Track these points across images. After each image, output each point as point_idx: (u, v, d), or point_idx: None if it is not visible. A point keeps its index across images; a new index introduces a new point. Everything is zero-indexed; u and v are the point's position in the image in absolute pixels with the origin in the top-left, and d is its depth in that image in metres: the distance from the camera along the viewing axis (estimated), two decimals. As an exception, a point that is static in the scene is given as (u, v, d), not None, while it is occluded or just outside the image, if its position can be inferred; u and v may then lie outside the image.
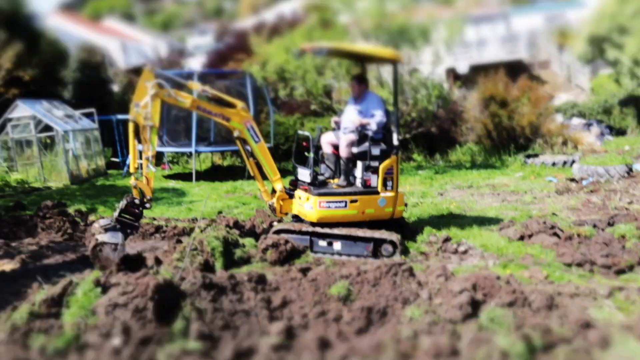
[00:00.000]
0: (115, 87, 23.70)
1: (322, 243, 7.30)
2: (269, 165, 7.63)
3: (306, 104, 17.32)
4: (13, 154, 15.31)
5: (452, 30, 14.88)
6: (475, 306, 4.01)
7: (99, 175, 16.67)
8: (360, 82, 7.84)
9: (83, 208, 9.83)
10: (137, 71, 28.01)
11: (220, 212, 10.54)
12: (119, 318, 3.74)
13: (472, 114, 18.73)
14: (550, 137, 16.48)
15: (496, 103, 17.37)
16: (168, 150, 17.17)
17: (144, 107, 6.92)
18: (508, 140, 17.26)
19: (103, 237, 6.71)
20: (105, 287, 4.12)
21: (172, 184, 15.22)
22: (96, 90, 21.03)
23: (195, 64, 31.91)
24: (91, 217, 9.49)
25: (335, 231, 7.22)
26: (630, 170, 12.02)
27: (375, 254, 7.14)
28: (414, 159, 18.76)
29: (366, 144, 7.38)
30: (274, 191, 7.84)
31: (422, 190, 12.46)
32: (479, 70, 21.23)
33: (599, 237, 6.92)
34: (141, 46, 42.76)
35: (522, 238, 7.46)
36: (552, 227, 7.52)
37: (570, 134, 17.06)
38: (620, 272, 6.02)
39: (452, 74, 30.33)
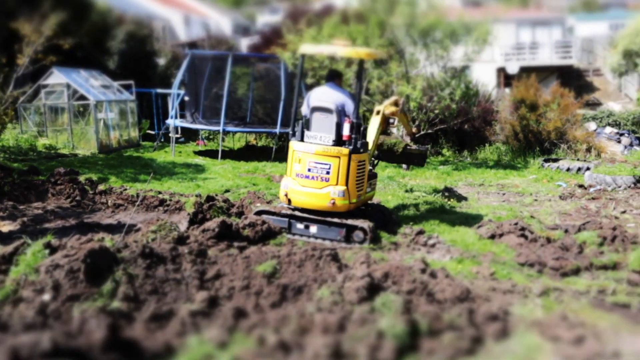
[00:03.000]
0: (161, 61, 24.46)
1: (300, 226, 7.71)
2: None
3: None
4: (45, 120, 16.20)
5: (480, 33, 14.92)
6: (375, 291, 4.35)
7: (131, 147, 17.50)
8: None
9: (94, 177, 10.51)
10: (192, 45, 28.92)
11: (227, 191, 11.07)
12: (54, 277, 4.26)
13: (504, 115, 18.80)
14: (575, 144, 16.39)
15: (526, 106, 17.45)
16: (197, 127, 17.83)
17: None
18: (534, 143, 17.27)
19: None
20: (53, 249, 4.66)
21: (197, 160, 15.87)
22: (140, 62, 21.80)
23: (245, 44, 32.49)
24: (101, 187, 10.17)
25: (312, 215, 7.61)
26: (637, 182, 11.94)
27: (348, 239, 7.50)
28: (442, 154, 18.89)
29: None
30: None
31: (432, 185, 12.64)
32: (530, 72, 21.10)
33: (563, 242, 7.09)
34: (206, 20, 43.57)
35: (492, 237, 7.67)
36: (523, 229, 7.70)
37: (596, 142, 16.89)
38: (565, 274, 6.22)
39: (503, 74, 30.08)
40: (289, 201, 7.70)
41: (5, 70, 15.23)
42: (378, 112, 8.50)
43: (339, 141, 7.51)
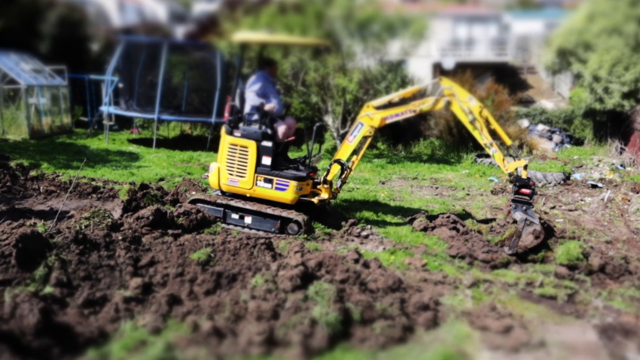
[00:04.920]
0: (95, 47, 23.79)
1: (235, 216, 7.77)
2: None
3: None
4: (-27, 104, 15.60)
5: (417, 27, 15.29)
6: (308, 280, 4.50)
7: (63, 133, 16.99)
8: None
9: (26, 162, 10.21)
10: (127, 32, 28.14)
11: (162, 179, 10.98)
12: (-15, 261, 4.20)
13: (438, 110, 19.25)
14: (508, 140, 17.06)
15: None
16: (132, 115, 17.48)
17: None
18: (467, 139, 17.75)
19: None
20: (-16, 233, 4.57)
21: (131, 148, 15.59)
22: (73, 47, 21.17)
23: (181, 32, 31.88)
24: (32, 173, 9.90)
25: (248, 206, 7.69)
26: (567, 178, 12.56)
27: (283, 230, 7.62)
28: (377, 147, 19.25)
29: None
30: None
31: (365, 177, 12.93)
32: (465, 68, 21.72)
33: (492, 235, 7.44)
34: (140, 6, 42.43)
35: (425, 229, 7.95)
36: (454, 222, 8.00)
37: (528, 139, 17.59)
38: (495, 267, 6.55)
39: (439, 69, 30.84)
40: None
41: None
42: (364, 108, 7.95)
43: (237, 123, 7.75)
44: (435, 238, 7.60)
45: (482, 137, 7.82)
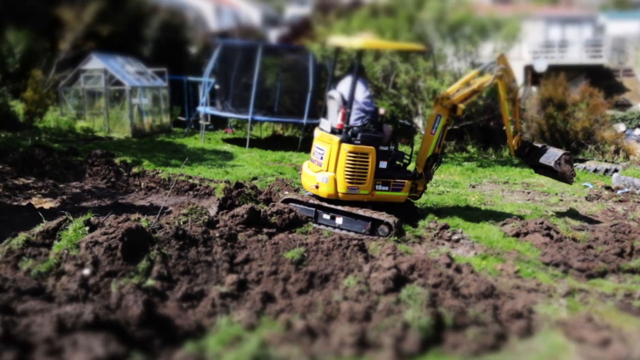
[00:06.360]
0: (193, 50, 24.81)
1: (326, 216, 7.85)
2: None
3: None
4: (83, 103, 16.77)
5: (510, 29, 14.86)
6: (401, 283, 4.46)
7: (162, 132, 17.85)
8: None
9: (129, 160, 10.82)
10: (223, 35, 29.22)
11: (255, 178, 11.26)
12: (94, 253, 4.47)
13: (530, 113, 18.64)
14: (603, 145, 16.19)
15: (553, 105, 17.26)
16: (227, 115, 18.07)
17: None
18: (561, 143, 17.09)
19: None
20: (93, 227, 4.88)
21: (226, 147, 16.10)
22: (173, 51, 22.19)
23: (275, 35, 32.63)
24: (134, 169, 10.47)
25: (339, 207, 7.74)
26: (666, 186, 11.79)
27: (373, 232, 7.61)
28: (467, 151, 18.83)
29: None
30: None
31: (455, 181, 12.67)
32: (559, 71, 20.88)
33: (589, 243, 7.09)
34: (236, 11, 43.92)
35: (517, 235, 7.68)
36: (548, 228, 7.69)
37: (625, 143, 16.64)
38: (591, 276, 6.23)
39: (530, 72, 29.74)
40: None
41: (48, 55, 15.82)
42: (438, 101, 8.34)
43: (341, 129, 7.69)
44: (528, 244, 7.33)
45: (510, 113, 8.74)
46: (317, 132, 7.98)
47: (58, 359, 3.04)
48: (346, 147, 7.53)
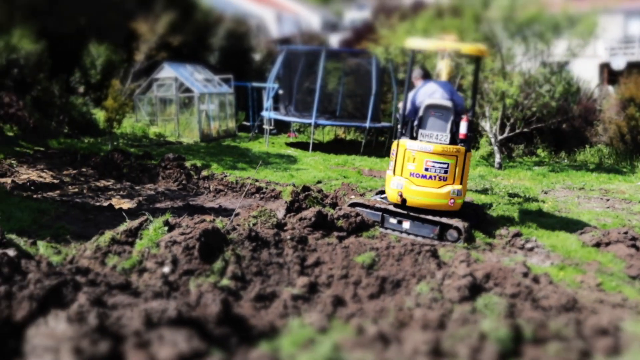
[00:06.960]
0: (257, 57, 25.31)
1: (393, 220, 7.76)
2: None
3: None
4: (156, 110, 17.49)
5: (586, 25, 14.16)
6: (476, 291, 4.34)
7: (228, 136, 18.25)
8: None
9: (198, 163, 11.11)
10: (284, 42, 29.68)
11: (319, 182, 11.31)
12: (173, 252, 4.59)
13: (608, 115, 17.79)
14: (691, 149, 15.32)
15: (635, 105, 16.41)
16: (290, 120, 18.25)
17: None
18: (643, 146, 16.29)
19: None
20: (171, 227, 5.02)
21: (289, 151, 16.26)
22: (238, 58, 22.74)
23: (336, 39, 32.78)
24: (204, 172, 10.75)
25: (408, 212, 7.65)
26: None
27: (441, 237, 7.48)
28: (537, 154, 18.26)
29: None
30: None
31: (526, 186, 12.30)
32: (639, 68, 19.91)
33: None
34: (297, 17, 44.55)
35: (597, 245, 7.32)
36: (633, 239, 7.29)
37: None
38: (685, 293, 5.86)
39: (607, 70, 28.39)
40: (404, 201, 7.60)
41: (125, 66, 16.66)
42: None
43: (453, 139, 7.52)
44: (611, 255, 6.95)
45: None
46: (429, 146, 7.48)
47: (146, 352, 3.13)
48: (470, 157, 7.61)
